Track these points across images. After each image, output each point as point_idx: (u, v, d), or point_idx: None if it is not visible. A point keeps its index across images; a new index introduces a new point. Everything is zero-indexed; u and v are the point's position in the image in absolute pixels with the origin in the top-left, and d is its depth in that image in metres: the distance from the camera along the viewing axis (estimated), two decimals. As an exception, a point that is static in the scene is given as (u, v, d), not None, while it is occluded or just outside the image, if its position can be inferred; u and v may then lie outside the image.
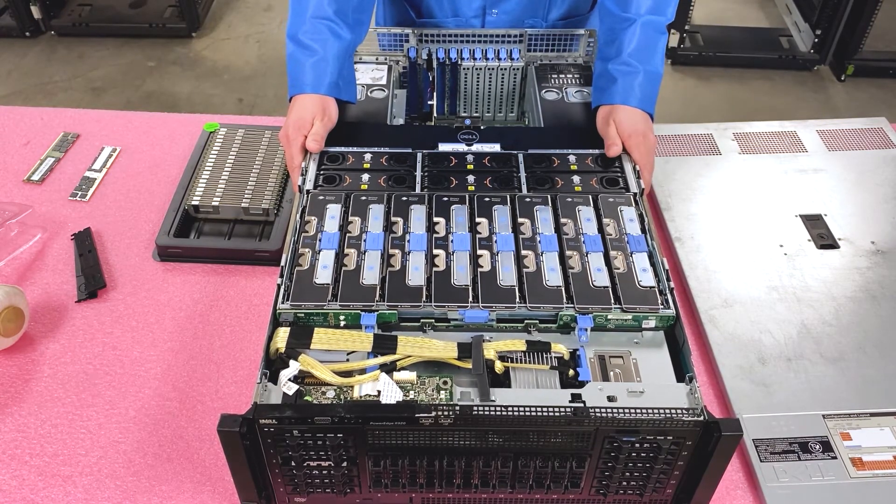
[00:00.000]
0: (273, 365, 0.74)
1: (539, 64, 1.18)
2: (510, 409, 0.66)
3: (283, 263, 0.81)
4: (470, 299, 0.78)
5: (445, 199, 0.90)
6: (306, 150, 0.96)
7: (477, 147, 0.99)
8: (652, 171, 0.97)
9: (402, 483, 0.72)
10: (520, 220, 0.87)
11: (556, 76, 1.15)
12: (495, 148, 0.99)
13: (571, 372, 0.74)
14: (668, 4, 1.02)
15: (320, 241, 0.84)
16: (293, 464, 0.70)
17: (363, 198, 0.90)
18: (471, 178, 0.94)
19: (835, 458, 0.80)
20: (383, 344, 0.75)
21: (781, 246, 1.05)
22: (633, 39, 1.00)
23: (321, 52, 1.00)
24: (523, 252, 0.83)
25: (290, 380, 0.71)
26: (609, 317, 0.78)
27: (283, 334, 0.75)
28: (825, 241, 1.06)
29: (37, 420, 0.86)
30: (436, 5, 1.21)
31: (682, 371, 0.75)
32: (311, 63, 1.00)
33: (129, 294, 1.00)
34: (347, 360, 0.75)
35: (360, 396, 0.71)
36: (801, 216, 1.09)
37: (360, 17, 1.05)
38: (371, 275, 0.80)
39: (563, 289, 0.79)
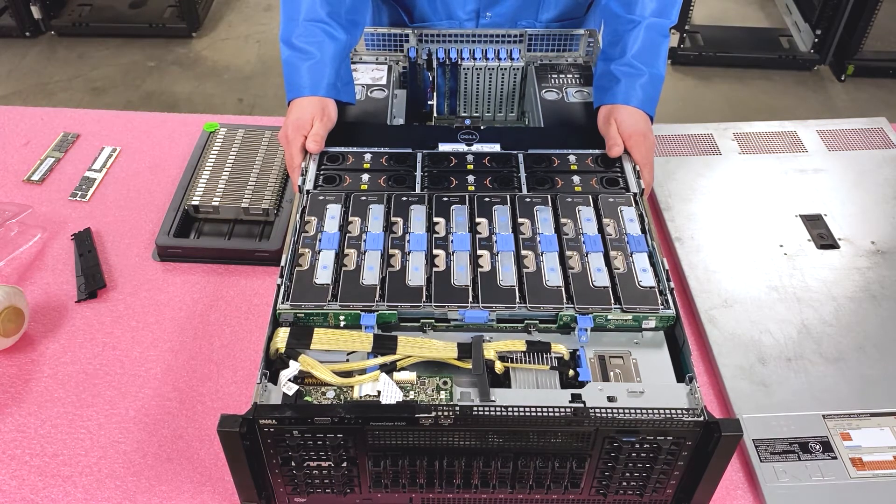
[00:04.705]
0: (273, 365, 0.74)
1: (539, 64, 1.18)
2: (510, 409, 0.66)
3: (283, 263, 0.81)
4: (470, 299, 0.78)
5: (445, 199, 0.90)
6: (306, 150, 0.96)
7: (477, 147, 0.99)
8: (653, 171, 0.97)
9: (402, 483, 0.72)
10: (520, 220, 0.87)
11: (556, 76, 1.15)
12: (495, 148, 0.99)
13: (571, 372, 0.74)
14: (672, 7, 1.02)
15: (320, 241, 0.84)
16: (293, 464, 0.70)
17: (363, 198, 0.90)
18: (471, 178, 0.94)
19: (835, 458, 0.80)
20: (383, 344, 0.75)
21: (781, 246, 1.05)
22: (638, 41, 1.00)
23: (317, 55, 1.00)
24: (523, 252, 0.83)
25: (290, 380, 0.71)
26: (609, 317, 0.78)
27: (283, 334, 0.75)
28: (825, 241, 1.06)
29: (37, 420, 0.86)
30: (429, 8, 1.20)
31: (682, 371, 0.75)
32: (308, 66, 1.00)
33: (129, 294, 1.00)
34: (347, 360, 0.75)
35: (360, 397, 0.71)
36: (801, 216, 1.09)
37: (353, 17, 1.05)
38: (371, 275, 0.80)
39: (563, 289, 0.79)
